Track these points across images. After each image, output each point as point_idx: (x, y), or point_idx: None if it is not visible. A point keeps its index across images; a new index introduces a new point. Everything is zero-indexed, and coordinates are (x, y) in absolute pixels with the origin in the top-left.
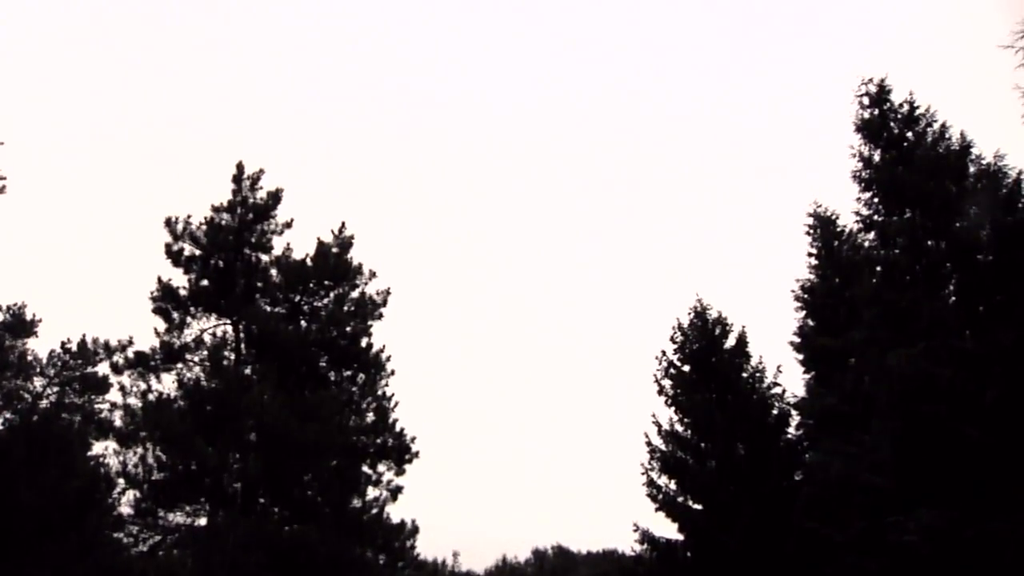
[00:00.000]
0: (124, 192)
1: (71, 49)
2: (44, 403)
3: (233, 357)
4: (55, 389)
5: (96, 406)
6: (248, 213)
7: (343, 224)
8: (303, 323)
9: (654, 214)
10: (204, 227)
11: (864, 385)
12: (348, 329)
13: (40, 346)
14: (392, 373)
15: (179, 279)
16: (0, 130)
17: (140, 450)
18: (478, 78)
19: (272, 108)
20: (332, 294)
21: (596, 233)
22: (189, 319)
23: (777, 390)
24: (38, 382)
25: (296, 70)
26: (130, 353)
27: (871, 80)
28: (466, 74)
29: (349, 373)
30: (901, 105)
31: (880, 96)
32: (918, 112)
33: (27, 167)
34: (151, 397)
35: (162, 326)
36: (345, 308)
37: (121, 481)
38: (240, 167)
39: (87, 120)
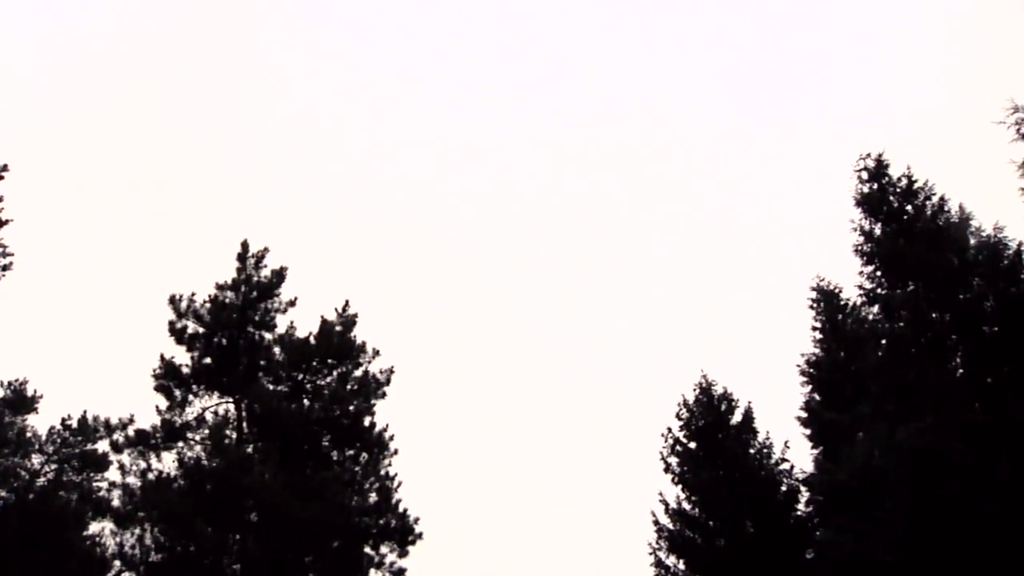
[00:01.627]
0: (128, 268)
1: (76, 119)
2: (41, 481)
3: (235, 436)
4: (53, 466)
5: (94, 484)
6: (252, 291)
7: (347, 302)
8: (306, 402)
9: (654, 289)
10: (208, 305)
11: (874, 460)
12: (351, 408)
13: (40, 422)
14: (395, 452)
15: (182, 356)
16: (7, 203)
17: (138, 531)
18: (479, 154)
19: (278, 184)
20: (335, 372)
21: (598, 307)
22: (191, 397)
23: (785, 466)
24: (36, 459)
25: (302, 146)
26: (131, 431)
27: (869, 155)
28: (468, 152)
29: (352, 452)
30: (899, 179)
31: (878, 170)
32: (916, 186)
33: (31, 241)
34: (151, 476)
35: (164, 404)
36: (348, 387)
37: (117, 563)
38: (245, 245)
39: (91, 194)
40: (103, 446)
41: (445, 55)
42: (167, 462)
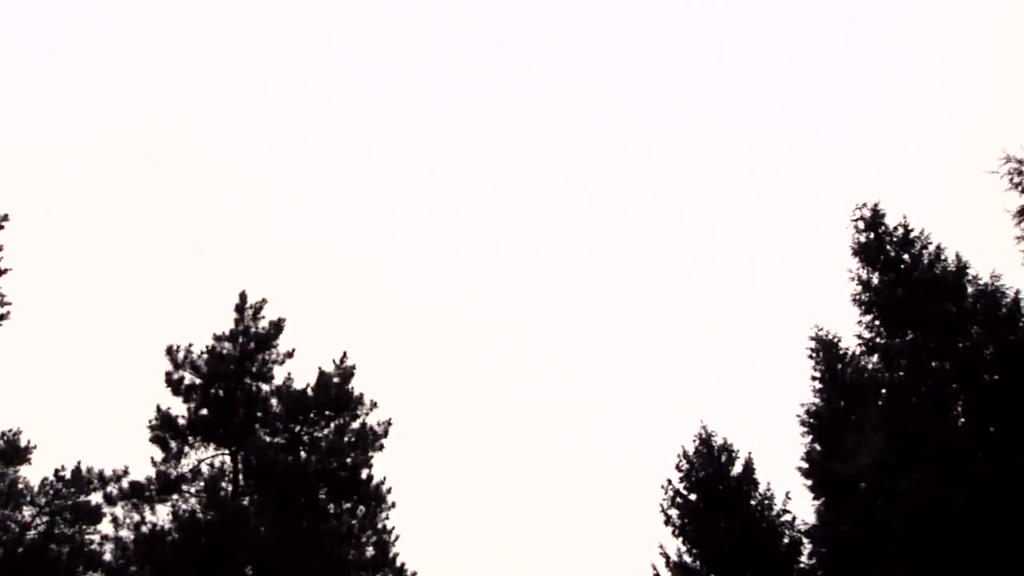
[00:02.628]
0: (125, 318)
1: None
2: (32, 533)
3: (230, 488)
4: (45, 519)
5: (87, 537)
6: (250, 343)
7: (344, 354)
8: (303, 454)
9: (651, 340)
10: (205, 356)
11: (877, 511)
12: (348, 460)
13: (33, 474)
14: (393, 506)
15: (178, 408)
16: (7, 252)
17: None
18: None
19: (276, 233)
20: (333, 424)
21: (596, 358)
22: (187, 449)
23: (787, 517)
24: (28, 511)
25: (301, 196)
26: (125, 483)
27: (865, 204)
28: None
29: (349, 506)
30: (896, 228)
31: (875, 220)
32: (913, 235)
33: (26, 289)
34: (144, 529)
35: (159, 455)
36: (346, 439)
37: None
38: (243, 296)
39: (88, 243)
40: (96, 498)
41: (438, 106)
42: (161, 515)
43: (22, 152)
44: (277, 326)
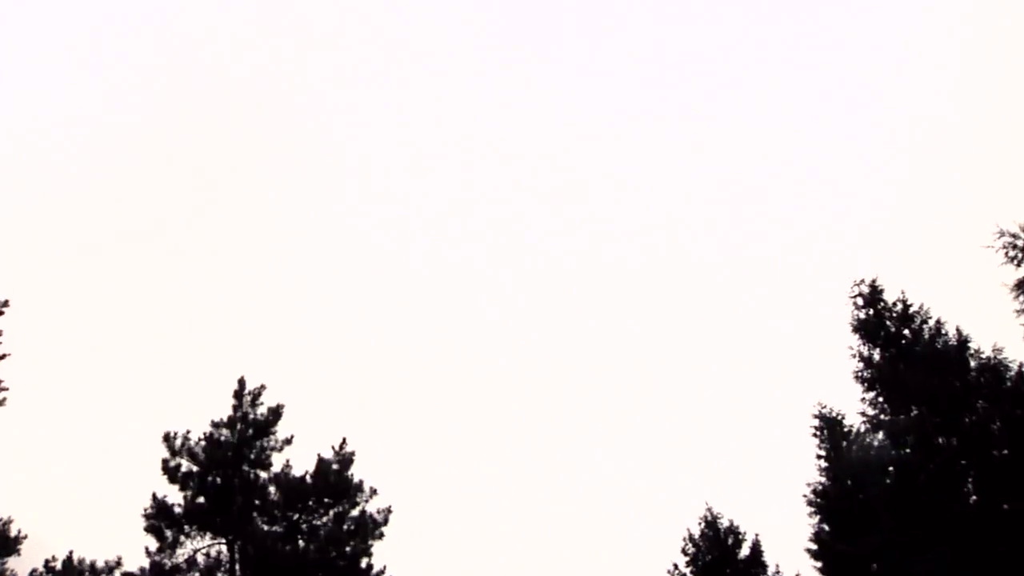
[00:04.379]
0: (122, 404)
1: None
2: None
3: None
4: None
5: None
6: (248, 429)
7: (344, 440)
8: (301, 543)
9: (654, 425)
10: (203, 443)
11: None
12: (348, 549)
13: (23, 565)
14: None
15: (174, 496)
16: (6, 338)
17: None
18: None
19: (274, 319)
20: (332, 512)
21: (597, 443)
22: (183, 538)
23: None
24: None
25: (299, 284)
26: (118, 574)
27: (863, 281)
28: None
29: None
30: (895, 304)
31: (873, 296)
32: (912, 310)
33: (20, 374)
34: None
35: (154, 545)
36: (345, 527)
37: None
38: (241, 382)
39: (85, 330)
40: None
41: (429, 196)
42: None
43: (22, 236)
44: (276, 412)
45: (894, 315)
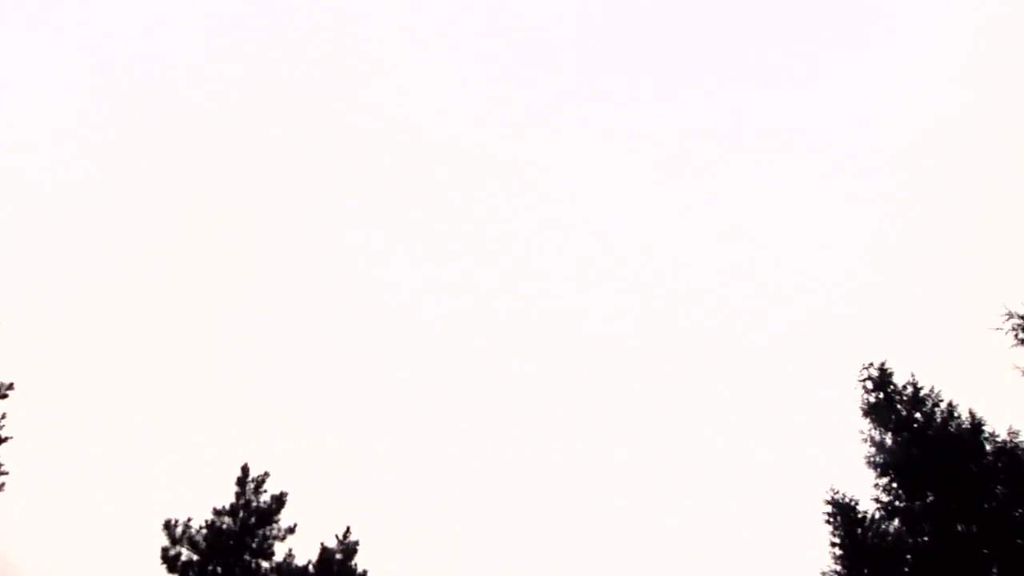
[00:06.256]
0: (121, 491)
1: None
2: None
3: None
4: None
5: None
6: (251, 517)
7: (348, 528)
8: None
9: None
10: (204, 531)
11: None
12: None
13: None
14: None
15: None
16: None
17: None
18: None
19: (279, 404)
20: None
21: (602, 530)
22: None
23: None
24: None
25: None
26: None
27: (872, 364)
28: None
29: None
30: (905, 387)
31: (883, 379)
32: (923, 393)
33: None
34: None
35: None
36: None
37: None
38: (245, 469)
39: (82, 414)
40: None
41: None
42: None
43: (20, 318)
44: (279, 500)
45: (905, 399)
